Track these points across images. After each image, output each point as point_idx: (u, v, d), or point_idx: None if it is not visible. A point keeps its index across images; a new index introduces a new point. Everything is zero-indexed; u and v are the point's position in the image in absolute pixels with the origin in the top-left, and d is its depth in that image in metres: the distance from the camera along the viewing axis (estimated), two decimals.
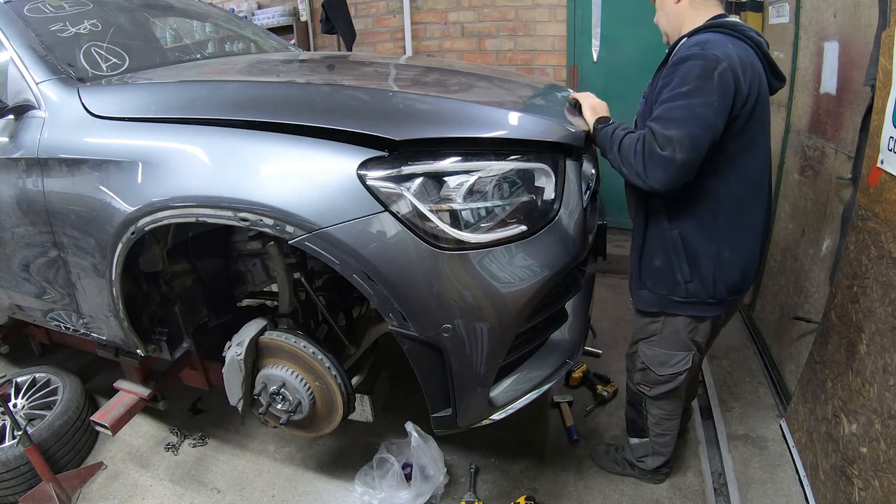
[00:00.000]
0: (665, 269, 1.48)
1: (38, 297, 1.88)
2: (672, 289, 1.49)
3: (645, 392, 1.73)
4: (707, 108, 1.25)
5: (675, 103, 1.28)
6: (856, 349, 1.59)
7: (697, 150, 1.26)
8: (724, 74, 1.25)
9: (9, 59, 1.69)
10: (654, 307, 1.56)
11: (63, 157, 1.56)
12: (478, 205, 1.31)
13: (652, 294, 1.54)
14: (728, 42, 1.31)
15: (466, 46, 4.00)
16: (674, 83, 1.30)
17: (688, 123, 1.25)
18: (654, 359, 1.63)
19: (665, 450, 1.84)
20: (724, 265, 1.45)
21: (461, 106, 1.46)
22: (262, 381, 1.63)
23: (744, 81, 1.29)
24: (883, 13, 1.59)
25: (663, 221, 1.46)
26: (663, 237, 1.47)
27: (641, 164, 1.31)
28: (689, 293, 1.48)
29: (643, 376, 1.70)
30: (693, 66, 1.27)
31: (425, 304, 1.31)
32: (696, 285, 1.46)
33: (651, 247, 1.51)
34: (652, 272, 1.52)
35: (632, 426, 1.87)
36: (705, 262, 1.44)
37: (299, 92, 1.55)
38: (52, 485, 1.91)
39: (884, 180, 1.47)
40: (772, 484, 1.90)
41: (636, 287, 1.59)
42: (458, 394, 1.41)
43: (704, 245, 1.43)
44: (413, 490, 1.85)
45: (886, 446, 1.38)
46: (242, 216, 1.33)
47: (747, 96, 1.31)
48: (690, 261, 1.45)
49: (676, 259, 1.45)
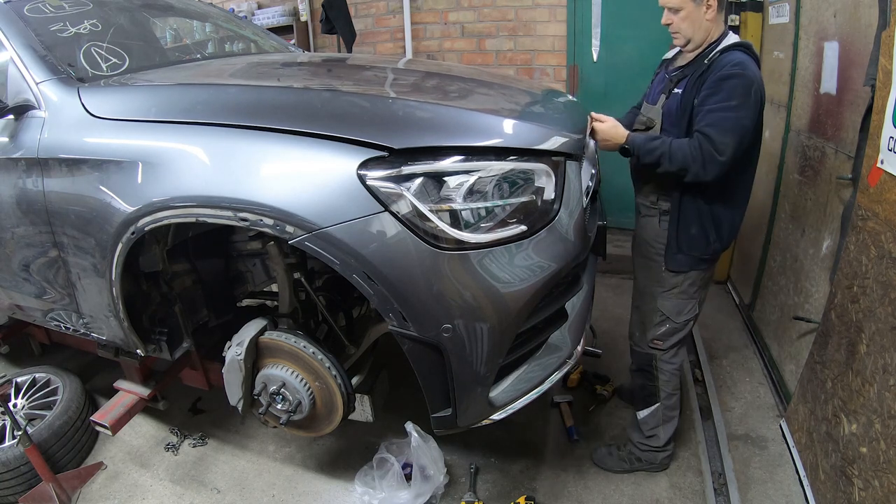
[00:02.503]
0: (700, 236, 1.78)
1: (38, 297, 1.88)
2: (704, 249, 1.80)
3: (659, 346, 1.92)
4: (748, 120, 1.57)
5: (726, 114, 1.56)
6: (856, 349, 1.59)
7: (740, 152, 1.59)
8: (757, 92, 1.57)
9: (9, 59, 1.68)
10: (686, 266, 1.84)
11: (63, 157, 1.56)
12: (478, 205, 1.31)
13: (687, 256, 1.82)
14: (753, 64, 1.61)
15: (466, 46, 4.00)
16: (722, 96, 1.57)
17: (737, 132, 1.56)
18: (672, 308, 1.88)
19: (673, 413, 1.95)
20: (733, 227, 1.81)
21: (459, 113, 1.46)
22: (262, 381, 1.63)
23: (764, 94, 1.60)
24: (883, 13, 1.59)
25: (699, 201, 1.75)
26: (699, 211, 1.76)
27: (701, 167, 1.59)
28: (713, 251, 1.81)
29: (660, 329, 1.91)
30: (738, 84, 1.56)
31: (425, 304, 1.31)
32: (717, 244, 1.79)
33: (687, 219, 1.79)
34: (689, 239, 1.80)
35: (641, 395, 2.00)
36: (726, 227, 1.78)
37: (299, 97, 1.55)
38: (52, 485, 1.91)
39: (884, 180, 1.47)
40: (772, 484, 1.90)
41: (672, 253, 1.84)
42: (458, 394, 1.41)
43: (728, 215, 1.77)
44: (413, 490, 1.85)
45: (886, 446, 1.38)
46: (242, 216, 1.33)
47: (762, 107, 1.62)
48: (717, 227, 1.77)
49: (709, 228, 1.77)
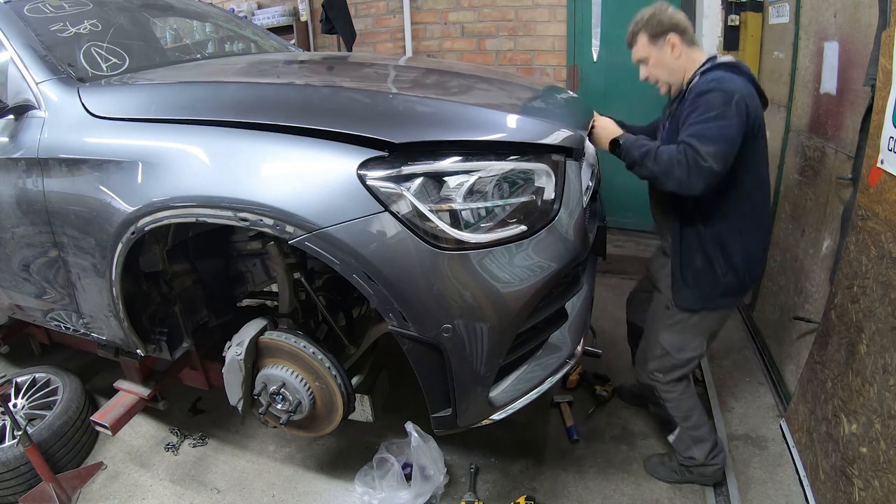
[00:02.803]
0: (706, 267, 1.68)
1: (38, 297, 1.88)
2: (714, 284, 1.69)
3: (658, 379, 1.84)
4: (731, 129, 1.48)
5: (707, 125, 1.49)
6: (856, 349, 1.59)
7: (727, 162, 1.49)
8: (740, 102, 1.50)
9: (9, 59, 1.68)
10: (698, 304, 1.73)
11: (63, 157, 1.56)
12: (478, 205, 1.31)
13: (695, 291, 1.71)
14: (735, 78, 1.55)
15: (466, 46, 4.00)
16: (700, 110, 1.52)
17: (720, 141, 1.47)
18: (674, 344, 1.79)
19: (699, 433, 1.85)
20: (749, 258, 1.68)
21: (461, 108, 1.46)
22: (262, 381, 1.63)
23: (750, 107, 1.53)
24: (883, 13, 1.59)
25: (699, 226, 1.66)
26: (701, 240, 1.67)
27: (686, 173, 1.49)
28: (728, 286, 1.69)
29: (660, 363, 1.82)
30: (715, 96, 1.51)
31: (425, 304, 1.31)
32: (731, 278, 1.67)
33: (690, 250, 1.70)
34: (695, 272, 1.70)
35: (662, 423, 1.97)
36: (736, 258, 1.66)
37: (299, 94, 1.55)
38: (52, 485, 1.91)
39: (884, 180, 1.47)
40: (772, 484, 1.90)
41: (679, 288, 1.74)
42: (458, 394, 1.41)
43: (735, 243, 1.65)
44: (413, 490, 1.85)
45: (886, 446, 1.38)
46: (242, 216, 1.33)
47: (754, 120, 1.55)
48: (726, 257, 1.66)
49: (715, 257, 1.66)
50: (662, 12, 1.67)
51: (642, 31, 1.69)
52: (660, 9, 1.68)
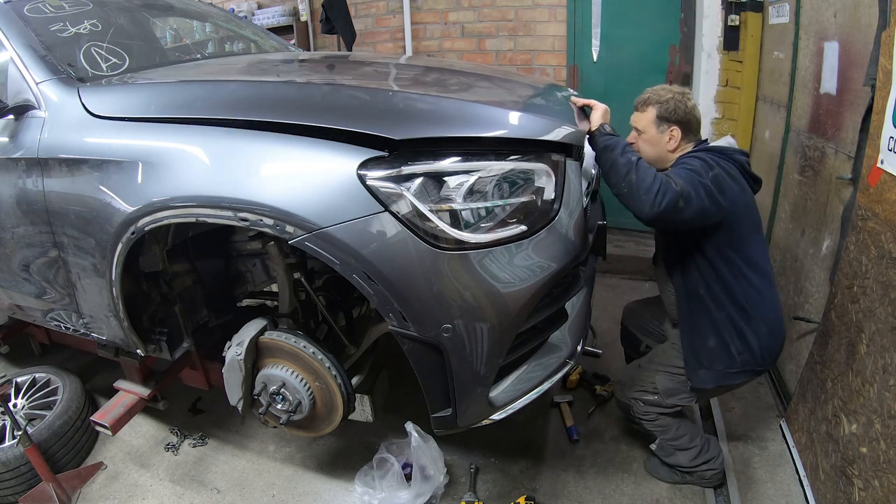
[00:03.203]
0: (720, 347, 1.65)
1: (38, 297, 1.88)
2: (729, 363, 1.66)
3: (636, 407, 1.84)
4: (700, 188, 1.48)
5: (682, 171, 1.53)
6: (856, 349, 1.59)
7: (688, 204, 1.47)
8: (718, 174, 1.52)
9: (9, 59, 1.68)
10: (712, 383, 1.70)
11: (63, 157, 1.56)
12: (478, 205, 1.31)
13: (710, 371, 1.69)
14: (719, 160, 1.57)
15: (466, 46, 4.00)
16: (681, 166, 1.56)
17: (689, 184, 1.48)
18: (666, 390, 1.78)
19: (679, 442, 1.83)
20: (764, 338, 1.65)
21: (461, 105, 1.46)
22: (262, 381, 1.63)
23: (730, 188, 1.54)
24: (883, 13, 1.59)
25: (710, 306, 1.64)
26: (713, 320, 1.64)
27: (657, 187, 1.45)
28: (744, 363, 1.66)
29: (646, 397, 1.81)
30: (695, 162, 1.55)
31: (425, 304, 1.31)
32: (748, 356, 1.65)
33: (702, 331, 1.68)
34: (708, 352, 1.67)
35: (643, 433, 1.95)
36: (751, 337, 1.63)
37: (299, 91, 1.55)
38: (52, 485, 1.91)
39: (884, 180, 1.47)
40: (772, 484, 1.90)
41: (693, 369, 1.72)
42: (458, 394, 1.41)
43: (746, 323, 1.63)
44: (413, 490, 1.85)
45: (886, 446, 1.38)
46: (242, 216, 1.33)
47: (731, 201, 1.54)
48: (740, 335, 1.63)
49: (729, 336, 1.63)
50: (683, 103, 1.65)
51: (655, 105, 1.67)
52: (684, 97, 1.66)
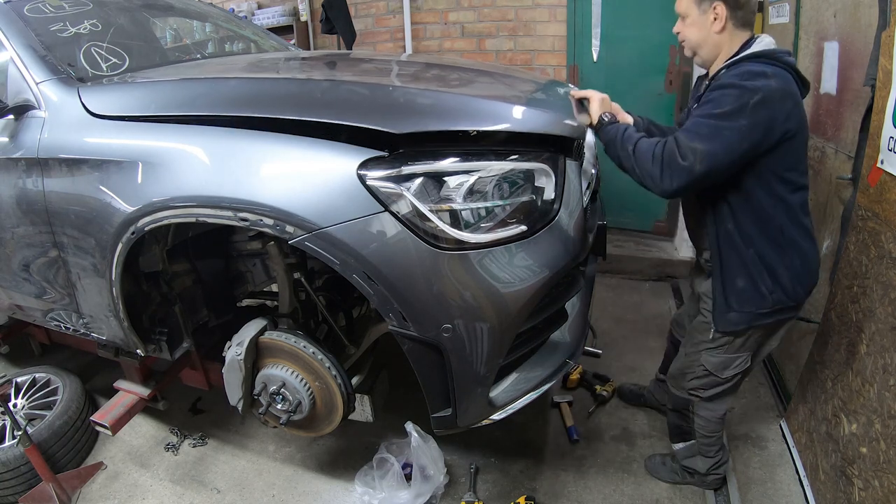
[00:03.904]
0: (749, 287, 1.54)
1: (38, 297, 1.88)
2: (760, 303, 1.55)
3: (699, 395, 1.74)
4: (733, 133, 1.32)
5: (705, 121, 1.36)
6: (856, 349, 1.59)
7: (714, 168, 1.34)
8: (758, 106, 1.32)
9: (9, 59, 1.68)
10: (742, 325, 1.59)
11: (63, 157, 1.56)
12: (478, 205, 1.31)
13: (740, 314, 1.58)
14: (767, 70, 1.36)
15: (466, 46, 4.00)
16: (709, 105, 1.38)
17: (711, 141, 1.33)
18: (718, 365, 1.67)
19: (710, 451, 1.80)
20: (797, 271, 1.53)
21: (462, 100, 1.45)
22: (262, 381, 1.63)
23: (781, 111, 1.35)
24: (883, 13, 1.59)
25: (738, 245, 1.53)
26: (742, 259, 1.53)
27: (658, 169, 1.38)
28: (775, 302, 1.54)
29: (701, 382, 1.72)
30: (730, 93, 1.35)
31: (425, 304, 1.31)
32: (780, 294, 1.53)
33: (731, 270, 1.56)
34: (738, 293, 1.57)
35: (675, 431, 1.89)
36: (782, 272, 1.52)
37: (299, 87, 1.55)
38: (52, 485, 1.91)
39: (884, 180, 1.47)
40: (772, 484, 1.90)
41: (722, 312, 1.61)
42: (458, 394, 1.41)
43: (779, 257, 1.51)
44: (413, 490, 1.85)
45: (886, 446, 1.38)
46: (242, 216, 1.33)
47: (786, 122, 1.36)
48: (770, 273, 1.52)
49: (758, 275, 1.52)
50: None
51: None
52: None
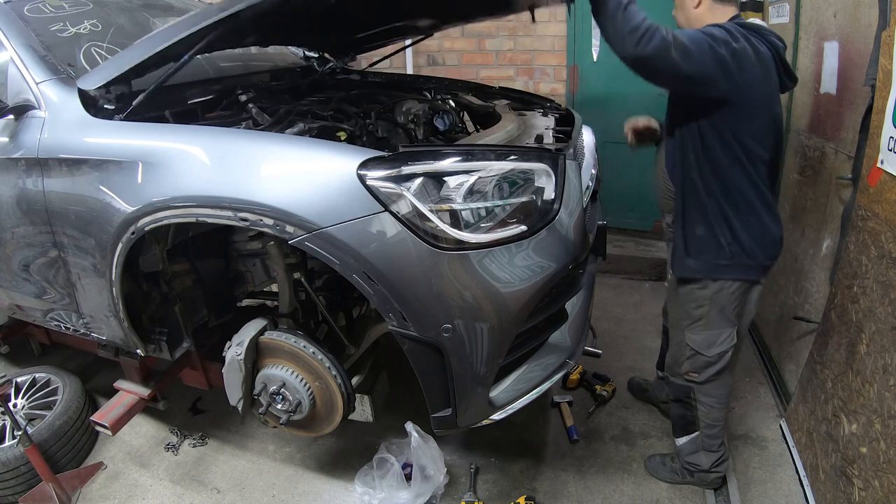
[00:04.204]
0: (707, 236, 1.62)
1: (38, 297, 1.88)
2: (717, 253, 1.61)
3: (694, 380, 1.78)
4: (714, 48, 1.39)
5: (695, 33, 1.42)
6: (856, 349, 1.59)
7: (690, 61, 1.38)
8: (741, 49, 1.41)
9: (9, 59, 1.68)
10: (699, 273, 1.66)
11: (63, 157, 1.56)
12: (478, 205, 1.31)
13: (697, 261, 1.66)
14: (750, 36, 1.46)
15: (466, 46, 4.00)
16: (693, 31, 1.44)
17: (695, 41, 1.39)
18: (702, 342, 1.72)
19: (714, 443, 1.82)
20: (755, 232, 1.59)
21: None
22: (262, 381, 1.63)
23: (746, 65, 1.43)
24: (883, 13, 1.59)
25: (701, 194, 1.60)
26: (702, 208, 1.61)
27: (643, 31, 1.34)
28: (732, 254, 1.61)
29: (692, 363, 1.77)
30: (717, 28, 1.45)
31: (425, 304, 1.31)
32: (736, 248, 1.60)
33: (692, 219, 1.65)
34: (696, 241, 1.64)
35: (679, 423, 1.89)
36: (740, 229, 1.58)
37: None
38: (52, 485, 1.91)
39: (884, 180, 1.47)
40: (772, 484, 1.90)
41: (681, 258, 1.70)
42: (458, 394, 1.41)
43: (737, 214, 1.58)
44: (413, 490, 1.85)
45: (886, 446, 1.38)
46: (242, 216, 1.33)
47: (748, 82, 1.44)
48: (729, 227, 1.59)
49: (717, 225, 1.60)
50: None
51: None
52: None
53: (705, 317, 1.69)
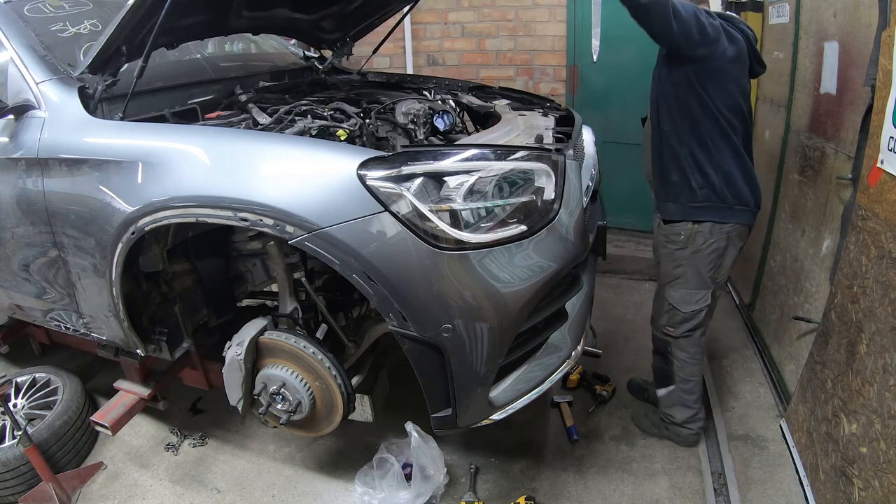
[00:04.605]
0: (681, 181, 1.80)
1: (38, 297, 1.88)
2: (691, 196, 1.80)
3: (670, 333, 1.97)
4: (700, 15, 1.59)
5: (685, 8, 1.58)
6: (856, 349, 1.59)
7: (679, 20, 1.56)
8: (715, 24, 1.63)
9: (9, 59, 1.69)
10: (678, 215, 1.85)
11: (63, 157, 1.56)
12: (478, 205, 1.31)
13: (675, 204, 1.85)
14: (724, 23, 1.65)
15: (466, 46, 4.00)
16: None
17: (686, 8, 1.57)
18: (679, 299, 1.92)
19: (688, 398, 2.01)
20: (727, 177, 1.77)
21: None
22: (262, 381, 1.63)
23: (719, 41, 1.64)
24: (883, 13, 1.59)
25: (674, 143, 1.79)
26: (675, 155, 1.80)
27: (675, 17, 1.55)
28: (705, 197, 1.79)
29: (669, 318, 1.97)
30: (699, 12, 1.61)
31: (425, 304, 1.31)
32: (708, 191, 1.78)
33: (667, 166, 1.84)
34: (672, 185, 1.83)
35: (659, 375, 2.11)
36: (712, 174, 1.76)
37: None
38: (52, 485, 1.91)
39: (884, 180, 1.47)
40: (772, 484, 1.90)
41: (661, 201, 1.90)
42: (458, 394, 1.41)
43: (707, 160, 1.76)
44: (413, 490, 1.85)
45: (886, 446, 1.38)
46: (242, 216, 1.33)
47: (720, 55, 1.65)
48: (700, 171, 1.77)
49: (689, 170, 1.78)
50: None
51: None
52: None
53: (683, 276, 1.88)
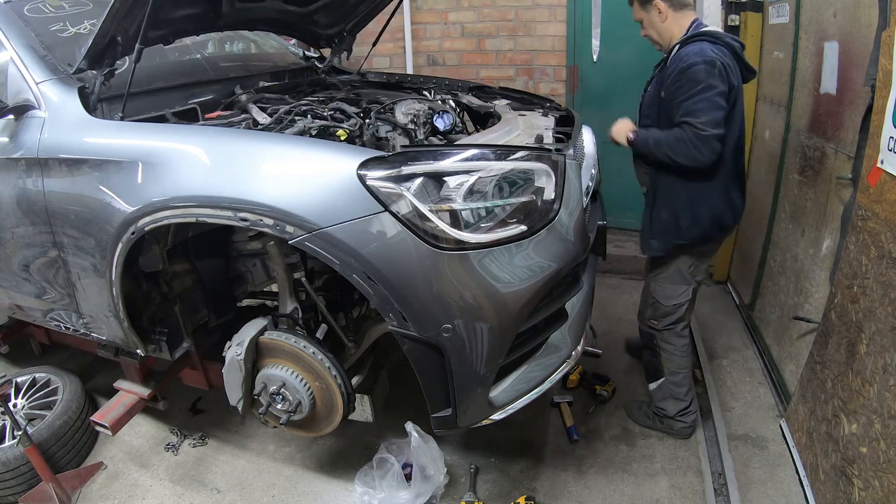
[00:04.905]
0: (670, 219, 1.89)
1: (38, 297, 1.88)
2: (676, 234, 1.89)
3: (654, 326, 2.08)
4: (718, 96, 1.66)
5: (696, 99, 1.66)
6: (856, 349, 1.59)
7: (721, 126, 1.66)
8: (721, 71, 1.67)
9: (9, 59, 1.69)
10: (661, 252, 1.97)
11: (63, 157, 1.56)
12: (478, 205, 1.31)
13: (660, 242, 1.95)
14: (714, 48, 1.70)
15: (466, 46, 4.00)
16: (687, 86, 1.67)
17: (711, 109, 1.65)
18: (662, 293, 2.03)
19: (678, 391, 2.08)
20: (716, 213, 1.86)
21: None
22: (262, 381, 1.63)
23: (730, 75, 1.70)
24: (883, 13, 1.59)
25: (670, 186, 1.86)
26: (670, 197, 1.88)
27: (695, 148, 1.67)
28: (693, 237, 1.88)
29: (653, 311, 2.08)
30: (699, 69, 1.66)
31: (425, 304, 1.31)
32: (694, 230, 1.87)
33: (660, 205, 1.91)
34: (660, 222, 1.91)
35: (649, 369, 2.23)
36: (704, 211, 1.84)
37: None
38: (52, 485, 1.91)
39: (884, 180, 1.47)
40: (772, 484, 1.90)
41: (647, 238, 1.98)
42: (458, 394, 1.41)
43: (702, 200, 1.84)
44: (413, 490, 1.85)
45: (886, 446, 1.38)
46: (242, 216, 1.33)
47: (732, 87, 1.70)
48: (692, 211, 1.84)
49: (680, 211, 1.86)
50: None
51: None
52: None
53: (665, 273, 2.00)
